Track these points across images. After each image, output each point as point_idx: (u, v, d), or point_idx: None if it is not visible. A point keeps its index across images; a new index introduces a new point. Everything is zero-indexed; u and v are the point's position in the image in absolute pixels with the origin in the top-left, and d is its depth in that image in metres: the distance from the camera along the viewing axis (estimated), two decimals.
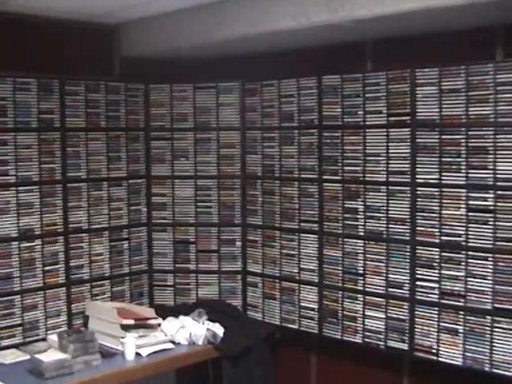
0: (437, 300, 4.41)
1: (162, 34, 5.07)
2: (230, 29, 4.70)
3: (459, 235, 4.27)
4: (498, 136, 4.12)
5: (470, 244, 4.25)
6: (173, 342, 4.75)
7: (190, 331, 4.73)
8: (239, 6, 4.59)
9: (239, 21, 4.64)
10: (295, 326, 5.16)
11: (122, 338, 4.48)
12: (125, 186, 5.18)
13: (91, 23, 4.81)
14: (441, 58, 4.40)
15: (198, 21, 4.80)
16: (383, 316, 4.63)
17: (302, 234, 5.10)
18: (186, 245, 5.60)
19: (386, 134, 4.56)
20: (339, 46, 4.79)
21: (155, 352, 4.47)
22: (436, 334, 4.42)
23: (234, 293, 5.53)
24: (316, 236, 4.98)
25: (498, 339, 4.19)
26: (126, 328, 4.56)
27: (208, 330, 4.74)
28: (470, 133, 4.23)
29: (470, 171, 4.23)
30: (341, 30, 4.43)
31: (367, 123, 4.68)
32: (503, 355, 4.18)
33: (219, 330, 4.78)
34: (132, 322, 4.60)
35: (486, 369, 4.24)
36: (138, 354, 4.53)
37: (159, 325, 4.81)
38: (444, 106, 4.33)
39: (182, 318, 4.68)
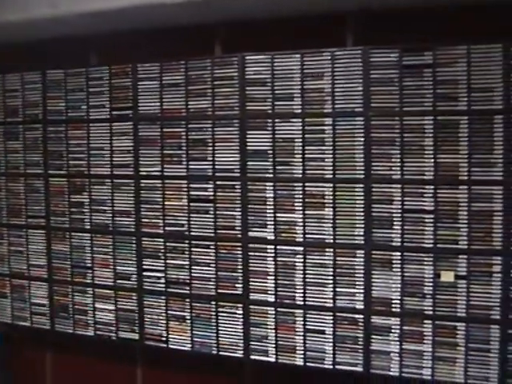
0: (163, 289, 3.82)
1: None
2: None
3: (182, 225, 3.70)
4: (215, 129, 3.66)
5: (192, 233, 3.68)
6: None
7: None
8: None
9: None
10: (27, 324, 4.38)
11: None
12: None
13: None
14: (163, 53, 3.87)
15: None
16: (113, 308, 4.00)
17: (29, 230, 4.30)
18: None
19: (109, 127, 3.86)
20: (63, 40, 4.13)
21: None
22: (165, 322, 3.85)
23: None
24: (44, 231, 4.19)
25: (223, 323, 3.75)
26: None
27: None
28: (189, 126, 3.71)
29: (191, 163, 3.68)
30: (63, 24, 3.84)
31: (91, 117, 3.99)
32: (228, 338, 3.77)
33: None
34: None
35: (214, 352, 3.75)
36: None
37: None
38: (165, 100, 3.78)
39: None
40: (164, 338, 3.87)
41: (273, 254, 3.60)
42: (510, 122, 3.23)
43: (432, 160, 3.35)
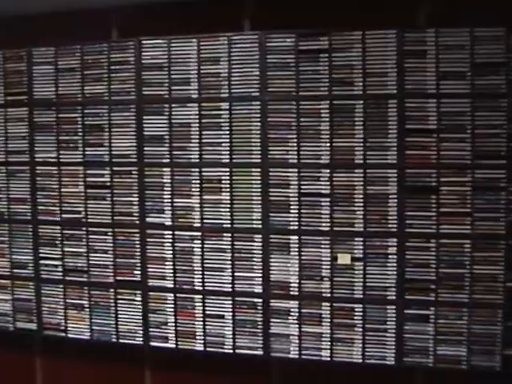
0: (61, 277, 2.70)
1: None
2: None
3: (79, 212, 2.58)
4: (112, 114, 2.59)
5: (89, 220, 2.57)
6: None
7: None
8: None
9: None
10: None
11: None
12: None
13: None
14: (58, 37, 2.80)
15: None
16: (10, 298, 2.84)
17: None
18: None
19: (3, 113, 2.67)
20: None
21: None
22: (63, 310, 2.70)
23: None
24: None
25: (122, 310, 2.70)
26: None
27: None
28: (85, 111, 2.59)
29: (87, 149, 2.57)
30: None
31: None
32: (127, 325, 2.72)
33: None
34: None
35: (113, 340, 2.68)
36: None
37: None
38: (60, 85, 2.68)
39: None
40: (63, 327, 2.77)
41: (170, 240, 2.60)
42: (404, 107, 2.36)
43: (328, 144, 2.53)
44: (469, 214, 2.41)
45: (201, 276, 2.66)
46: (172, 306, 2.71)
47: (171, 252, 2.68)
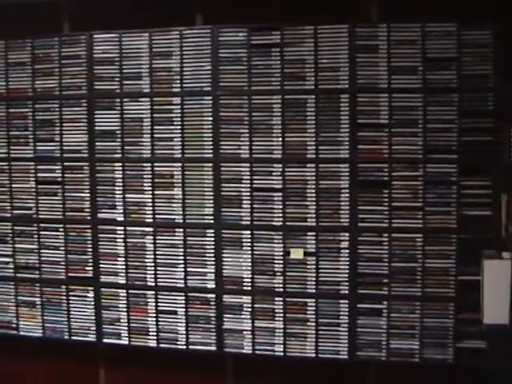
0: (12, 274, 2.26)
1: None
2: None
3: (30, 208, 2.13)
4: (63, 109, 2.18)
5: (40, 216, 2.17)
6: None
7: None
8: None
9: None
10: None
11: None
12: None
13: None
14: (8, 30, 2.32)
15: None
16: None
17: None
18: None
19: None
20: None
21: None
22: (14, 308, 2.25)
23: None
24: None
25: (74, 307, 2.28)
26: None
27: None
28: (36, 106, 2.17)
29: (38, 144, 2.15)
30: None
31: None
32: (79, 322, 2.31)
33: None
34: None
35: (66, 337, 2.26)
36: None
37: None
38: (10, 79, 2.22)
39: None
40: (14, 325, 2.35)
41: (122, 236, 2.24)
42: (356, 101, 2.04)
43: (280, 139, 2.18)
44: (421, 209, 2.08)
45: (153, 272, 2.28)
46: (124, 302, 2.33)
47: (123, 248, 2.30)
